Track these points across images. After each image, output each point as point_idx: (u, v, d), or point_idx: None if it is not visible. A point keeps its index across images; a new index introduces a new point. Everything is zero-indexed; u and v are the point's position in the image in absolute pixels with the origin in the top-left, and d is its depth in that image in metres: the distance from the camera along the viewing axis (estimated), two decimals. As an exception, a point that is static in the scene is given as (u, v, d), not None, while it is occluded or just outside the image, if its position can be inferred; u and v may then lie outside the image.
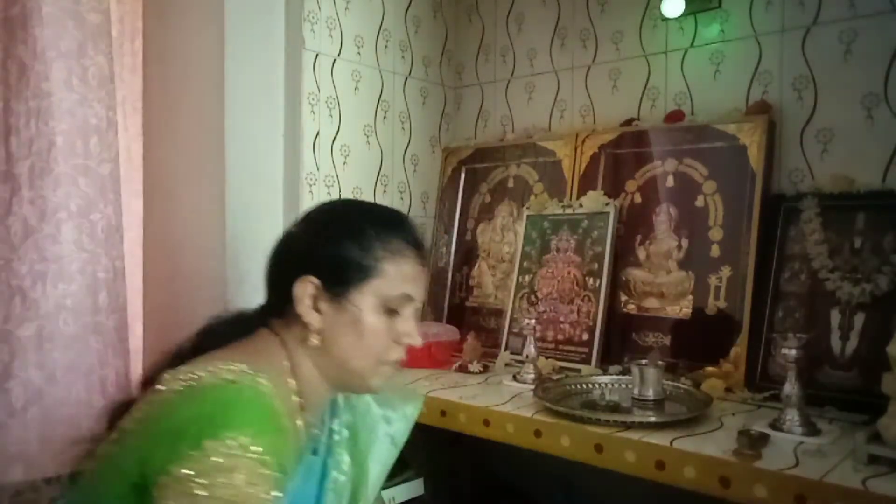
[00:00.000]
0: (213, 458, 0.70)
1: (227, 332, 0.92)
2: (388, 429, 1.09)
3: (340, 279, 0.88)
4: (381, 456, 1.08)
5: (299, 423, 0.89)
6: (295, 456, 0.86)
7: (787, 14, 1.49)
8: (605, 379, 1.42)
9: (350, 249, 0.88)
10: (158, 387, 0.80)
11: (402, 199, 1.99)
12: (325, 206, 1.00)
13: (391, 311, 0.90)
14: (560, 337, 1.63)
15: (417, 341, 0.94)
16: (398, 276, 0.90)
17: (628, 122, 1.73)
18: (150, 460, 0.73)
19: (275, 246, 0.95)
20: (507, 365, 1.64)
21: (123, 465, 0.76)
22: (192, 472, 0.69)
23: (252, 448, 0.72)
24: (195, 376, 0.79)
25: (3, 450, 1.17)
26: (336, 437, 1.01)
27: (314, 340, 0.88)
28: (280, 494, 0.74)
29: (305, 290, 0.87)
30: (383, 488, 1.53)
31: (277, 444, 0.77)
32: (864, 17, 1.39)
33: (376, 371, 0.92)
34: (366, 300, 0.88)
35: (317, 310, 0.88)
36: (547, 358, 1.59)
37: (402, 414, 1.12)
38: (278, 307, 0.92)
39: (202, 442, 0.71)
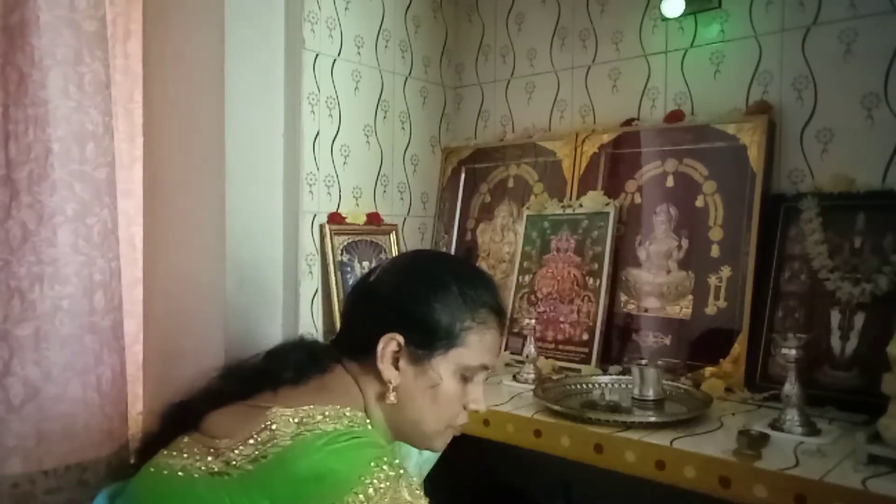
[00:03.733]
0: (376, 485, 0.71)
1: (299, 362, 0.90)
2: (419, 459, 1.10)
3: (427, 343, 0.87)
4: None
5: None
6: None
7: (787, 14, 1.49)
8: (605, 379, 1.42)
9: (440, 315, 0.87)
10: (270, 425, 0.77)
11: (402, 199, 1.99)
12: (414, 260, 0.99)
13: (466, 378, 0.90)
14: (560, 337, 1.63)
15: (482, 407, 0.94)
16: (481, 347, 0.90)
17: (628, 122, 1.73)
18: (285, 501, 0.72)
19: (357, 289, 0.95)
20: (507, 365, 1.64)
21: (236, 498, 0.74)
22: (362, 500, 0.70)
23: (396, 466, 0.74)
24: (314, 424, 0.77)
25: (1, 443, 1.19)
26: None
27: (391, 398, 0.87)
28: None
29: (389, 346, 0.87)
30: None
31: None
32: (864, 17, 1.39)
33: (443, 434, 0.93)
34: (447, 367, 0.88)
35: (395, 366, 0.88)
36: (547, 358, 1.59)
37: None
38: (355, 351, 0.90)
39: (357, 480, 0.71)
